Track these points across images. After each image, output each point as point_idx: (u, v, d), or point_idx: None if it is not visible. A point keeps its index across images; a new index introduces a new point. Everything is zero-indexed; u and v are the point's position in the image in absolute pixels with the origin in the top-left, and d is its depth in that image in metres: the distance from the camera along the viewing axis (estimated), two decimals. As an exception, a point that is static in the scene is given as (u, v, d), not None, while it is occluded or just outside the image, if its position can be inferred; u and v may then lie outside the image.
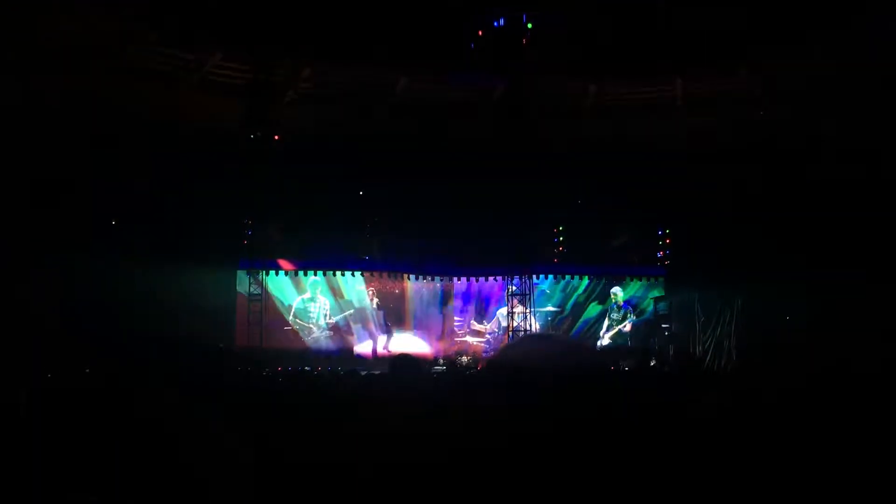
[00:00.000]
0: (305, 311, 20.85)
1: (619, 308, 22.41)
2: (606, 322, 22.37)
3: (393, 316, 21.60)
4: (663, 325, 20.96)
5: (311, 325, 20.85)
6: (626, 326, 22.30)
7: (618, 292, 22.44)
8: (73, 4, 15.08)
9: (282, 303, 20.59)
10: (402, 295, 21.88)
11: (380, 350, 21.05)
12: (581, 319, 22.34)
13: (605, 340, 22.24)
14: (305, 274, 20.95)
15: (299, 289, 20.81)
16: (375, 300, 21.54)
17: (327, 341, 20.92)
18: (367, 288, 21.50)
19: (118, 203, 17.80)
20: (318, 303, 20.96)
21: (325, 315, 21.03)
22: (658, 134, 20.01)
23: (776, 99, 18.48)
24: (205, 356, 15.96)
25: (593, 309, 22.34)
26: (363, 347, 21.22)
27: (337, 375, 14.51)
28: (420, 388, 5.57)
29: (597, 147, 19.98)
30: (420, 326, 21.85)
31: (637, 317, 22.16)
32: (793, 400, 3.63)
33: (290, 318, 20.70)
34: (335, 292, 21.03)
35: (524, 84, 18.36)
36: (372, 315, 21.36)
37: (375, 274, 21.57)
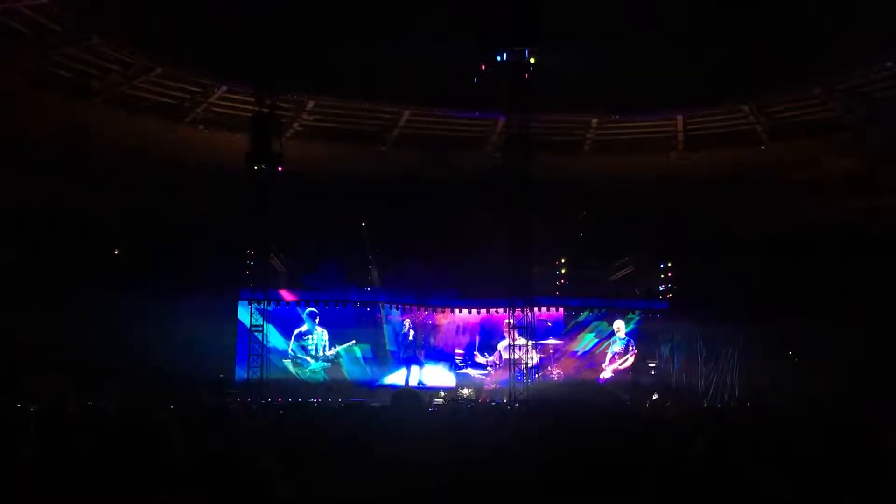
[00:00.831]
0: (303, 343, 20.75)
1: (622, 341, 22.41)
2: (609, 354, 22.35)
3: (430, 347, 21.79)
4: (650, 364, 20.85)
5: (307, 358, 20.72)
6: (628, 361, 22.24)
7: (620, 326, 22.44)
8: (80, 36, 15.22)
9: (275, 348, 20.56)
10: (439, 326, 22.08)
11: (412, 381, 21.10)
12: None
13: (607, 373, 22.20)
14: (307, 304, 20.93)
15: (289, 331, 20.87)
16: (412, 331, 21.62)
17: (324, 374, 20.78)
18: (404, 319, 21.59)
19: (120, 234, 17.88)
20: (314, 335, 20.88)
21: (324, 346, 20.95)
22: (660, 169, 20.11)
23: (777, 136, 18.57)
24: (206, 387, 15.94)
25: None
26: (395, 378, 21.16)
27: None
28: (421, 423, 5.54)
29: (599, 181, 20.06)
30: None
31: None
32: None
33: (289, 349, 20.65)
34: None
35: (527, 118, 18.48)
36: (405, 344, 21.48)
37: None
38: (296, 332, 20.73)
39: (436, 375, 21.68)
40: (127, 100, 17.38)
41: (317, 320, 20.92)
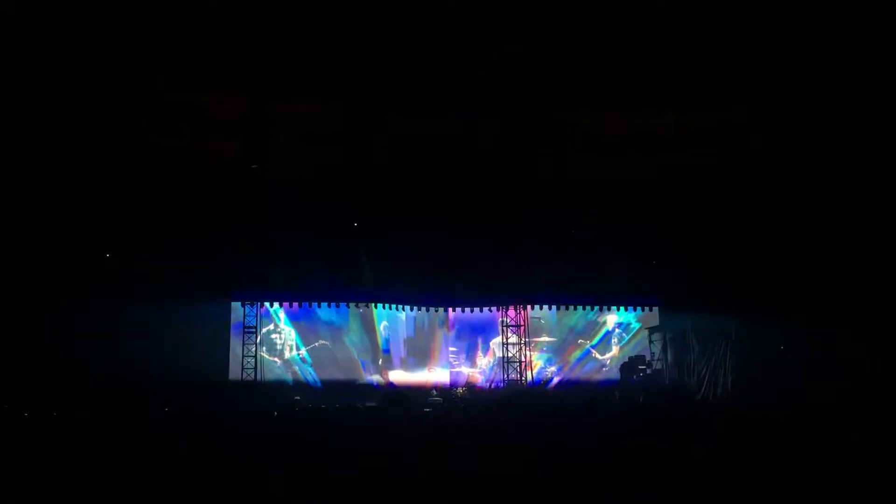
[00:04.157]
0: (271, 342, 20.70)
1: (612, 334, 22.54)
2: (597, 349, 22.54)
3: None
4: (639, 367, 20.92)
5: (275, 359, 20.67)
6: (613, 351, 22.40)
7: (608, 319, 22.56)
8: (72, 44, 15.15)
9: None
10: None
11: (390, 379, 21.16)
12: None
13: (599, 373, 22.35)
14: (300, 305, 20.90)
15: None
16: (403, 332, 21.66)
17: (295, 374, 20.76)
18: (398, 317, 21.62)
19: (111, 237, 17.82)
20: (282, 335, 20.81)
21: (291, 347, 20.83)
22: (653, 165, 20.12)
23: (769, 134, 18.54)
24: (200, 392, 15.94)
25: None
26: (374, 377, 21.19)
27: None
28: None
29: (592, 178, 20.06)
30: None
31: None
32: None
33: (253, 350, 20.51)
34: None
35: (519, 117, 18.53)
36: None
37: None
38: (263, 330, 20.55)
39: (430, 374, 21.73)
40: (117, 99, 17.30)
41: (282, 317, 20.85)
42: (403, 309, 21.75)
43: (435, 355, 22.01)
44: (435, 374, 21.78)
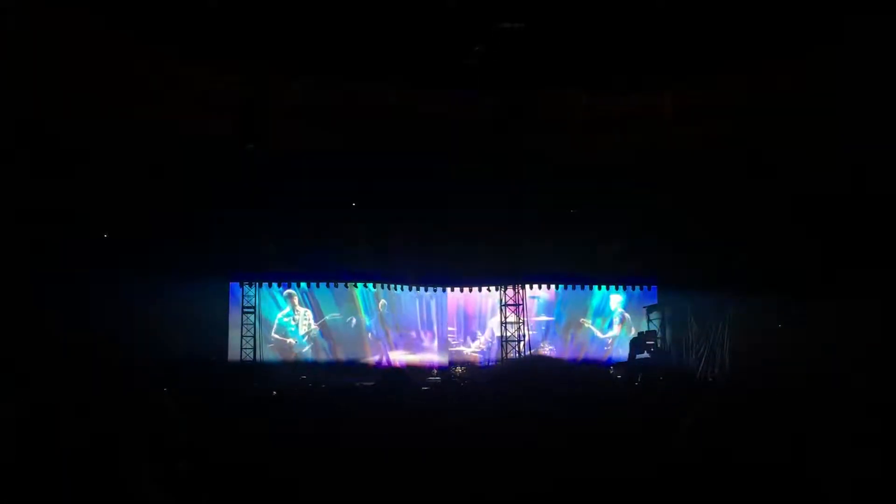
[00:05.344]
0: (286, 325, 20.79)
1: (618, 314, 22.59)
2: (603, 329, 22.57)
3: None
4: (648, 343, 20.89)
5: (293, 340, 20.76)
6: (615, 330, 22.45)
7: (614, 299, 22.59)
8: (64, 17, 14.99)
9: (268, 320, 20.57)
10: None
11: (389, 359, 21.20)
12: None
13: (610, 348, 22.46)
14: (298, 286, 20.91)
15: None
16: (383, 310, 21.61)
17: (314, 353, 20.81)
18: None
19: (108, 216, 17.73)
20: (298, 315, 20.90)
21: (308, 324, 20.95)
22: (650, 144, 20.05)
23: (765, 112, 18.43)
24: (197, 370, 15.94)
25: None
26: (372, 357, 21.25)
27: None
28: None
29: (588, 157, 19.99)
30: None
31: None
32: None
33: (272, 334, 20.65)
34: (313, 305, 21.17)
35: (516, 96, 18.44)
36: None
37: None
38: (278, 316, 20.72)
39: (428, 354, 21.76)
40: (112, 75, 17.13)
41: (296, 300, 20.92)
42: (402, 288, 21.72)
43: (433, 335, 22.02)
44: (433, 354, 21.80)
